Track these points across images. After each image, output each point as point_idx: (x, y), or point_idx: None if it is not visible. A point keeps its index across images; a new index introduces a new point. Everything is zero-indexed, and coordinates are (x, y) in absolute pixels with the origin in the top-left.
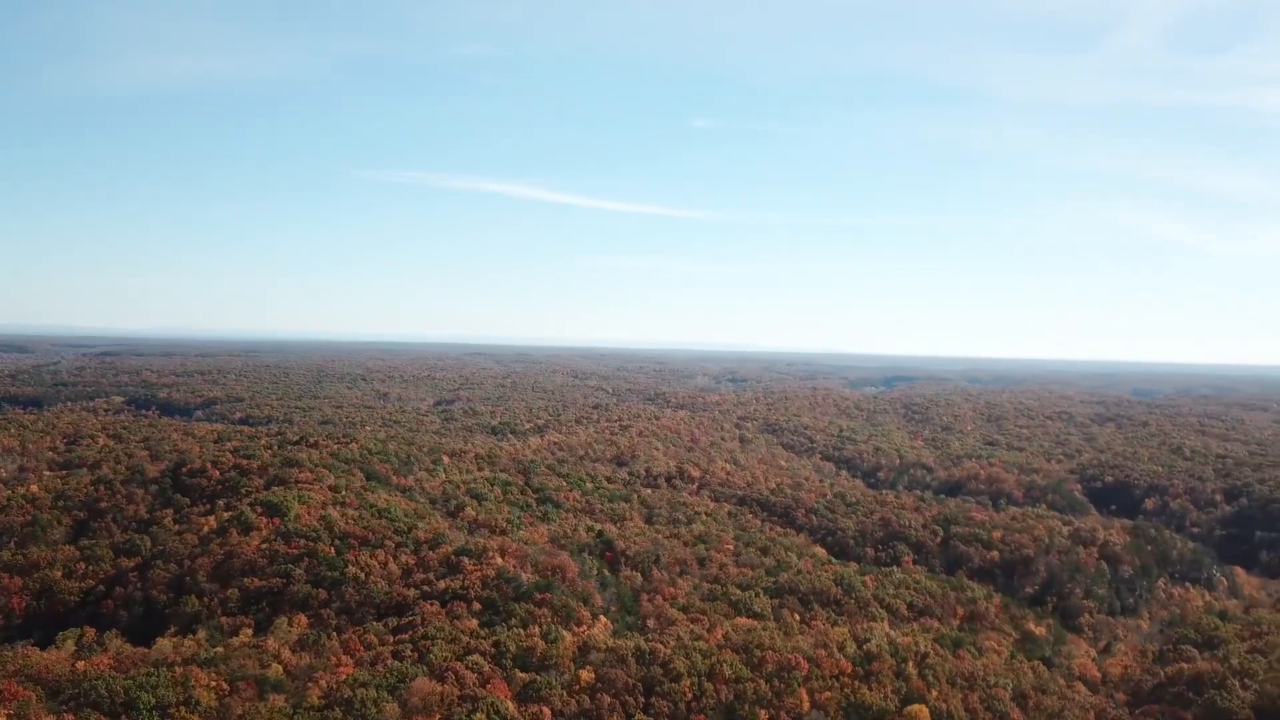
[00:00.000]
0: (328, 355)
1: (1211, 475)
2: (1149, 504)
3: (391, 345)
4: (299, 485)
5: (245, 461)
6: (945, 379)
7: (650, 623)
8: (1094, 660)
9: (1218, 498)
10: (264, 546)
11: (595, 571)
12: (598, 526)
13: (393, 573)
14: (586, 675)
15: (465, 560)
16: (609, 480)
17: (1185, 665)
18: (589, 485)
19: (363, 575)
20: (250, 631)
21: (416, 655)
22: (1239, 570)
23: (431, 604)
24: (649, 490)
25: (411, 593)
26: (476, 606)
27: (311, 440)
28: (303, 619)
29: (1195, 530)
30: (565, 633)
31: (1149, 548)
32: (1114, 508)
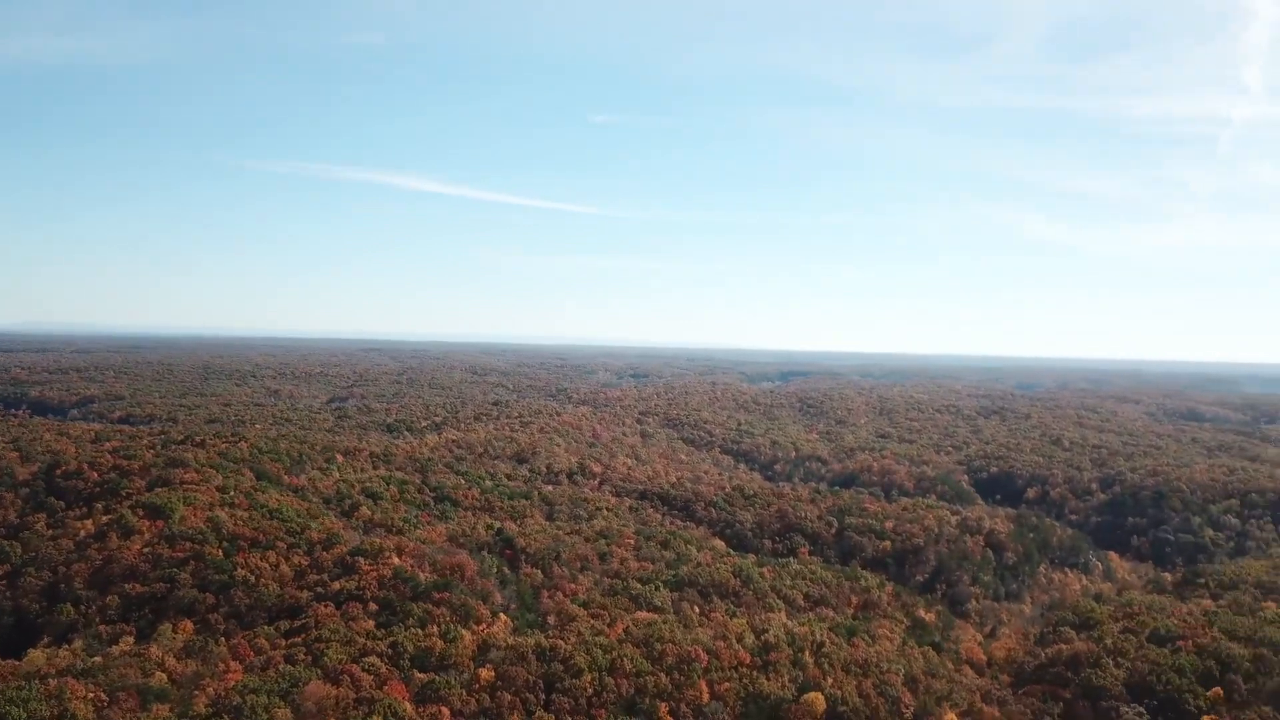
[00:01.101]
0: (215, 351)
1: (1088, 465)
2: (1031, 493)
3: (283, 341)
4: (184, 486)
5: (125, 462)
6: (839, 374)
7: (551, 619)
8: (980, 644)
9: (1094, 486)
10: (146, 550)
11: (495, 569)
12: (497, 524)
13: (285, 574)
14: (486, 674)
15: (361, 560)
16: (509, 478)
17: (1064, 646)
18: (488, 483)
19: (253, 578)
20: (132, 640)
21: (310, 658)
22: (1113, 555)
23: (326, 606)
24: (550, 487)
25: (305, 595)
26: (373, 607)
27: (197, 439)
28: (189, 625)
29: (1073, 518)
30: (464, 631)
31: (1031, 535)
32: (999, 497)
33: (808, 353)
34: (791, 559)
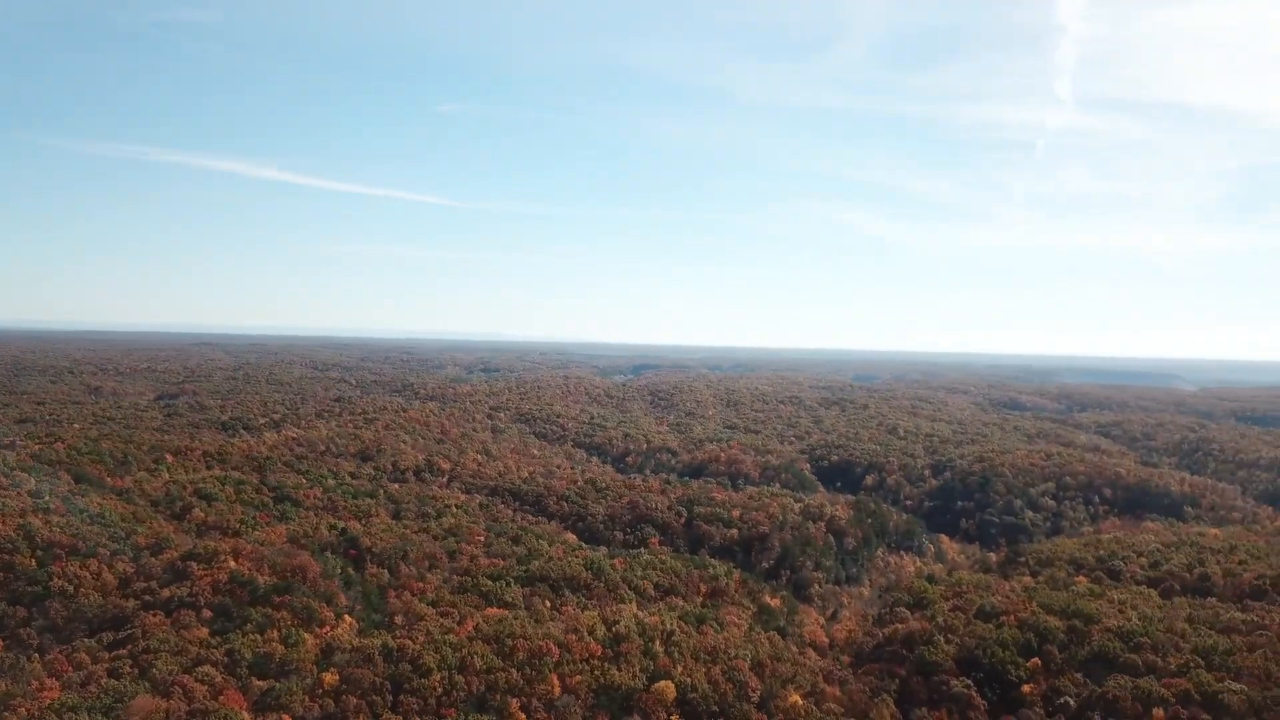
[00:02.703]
0: (27, 346)
1: (921, 453)
2: (869, 480)
3: (105, 335)
4: None
5: None
6: (688, 367)
7: (398, 619)
8: (823, 627)
9: (926, 473)
10: None
11: (339, 570)
12: (341, 524)
13: (108, 583)
14: (330, 677)
15: (194, 565)
16: (353, 476)
17: (900, 626)
18: (331, 482)
19: (71, 588)
20: None
21: (137, 671)
22: (944, 537)
23: (155, 614)
24: (396, 485)
25: (131, 604)
26: (207, 614)
27: (6, 441)
28: None
29: (908, 503)
30: (307, 635)
31: (870, 521)
32: (839, 484)
33: (659, 346)
34: (642, 550)
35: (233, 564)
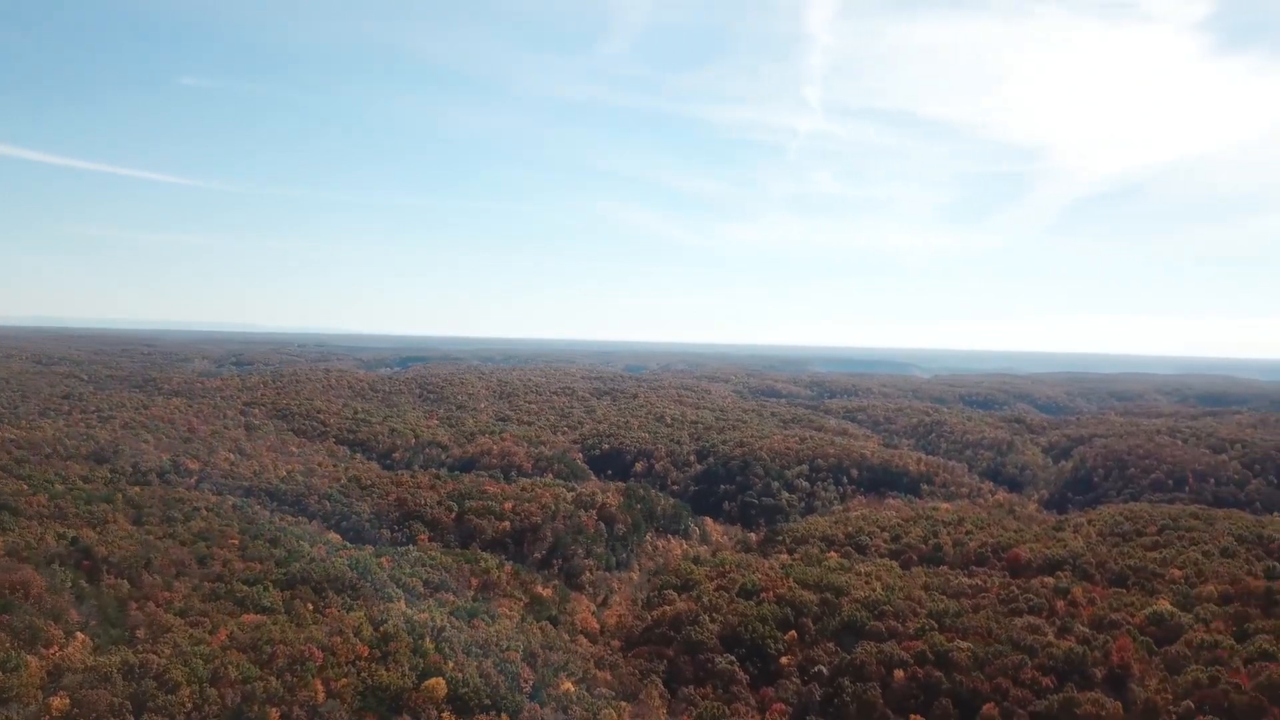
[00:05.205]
0: None
1: (687, 439)
2: (638, 467)
3: None
4: None
5: None
6: (459, 359)
7: (141, 633)
8: (594, 613)
9: (692, 458)
10: None
11: (70, 584)
12: (72, 533)
13: None
14: (59, 702)
15: None
16: (85, 480)
17: (668, 608)
18: (59, 487)
19: None
20: None
21: None
22: (709, 520)
23: None
24: (138, 488)
25: None
26: None
27: None
28: None
29: (675, 488)
30: (30, 658)
31: (639, 506)
32: (610, 472)
33: (428, 338)
34: (411, 546)
35: None
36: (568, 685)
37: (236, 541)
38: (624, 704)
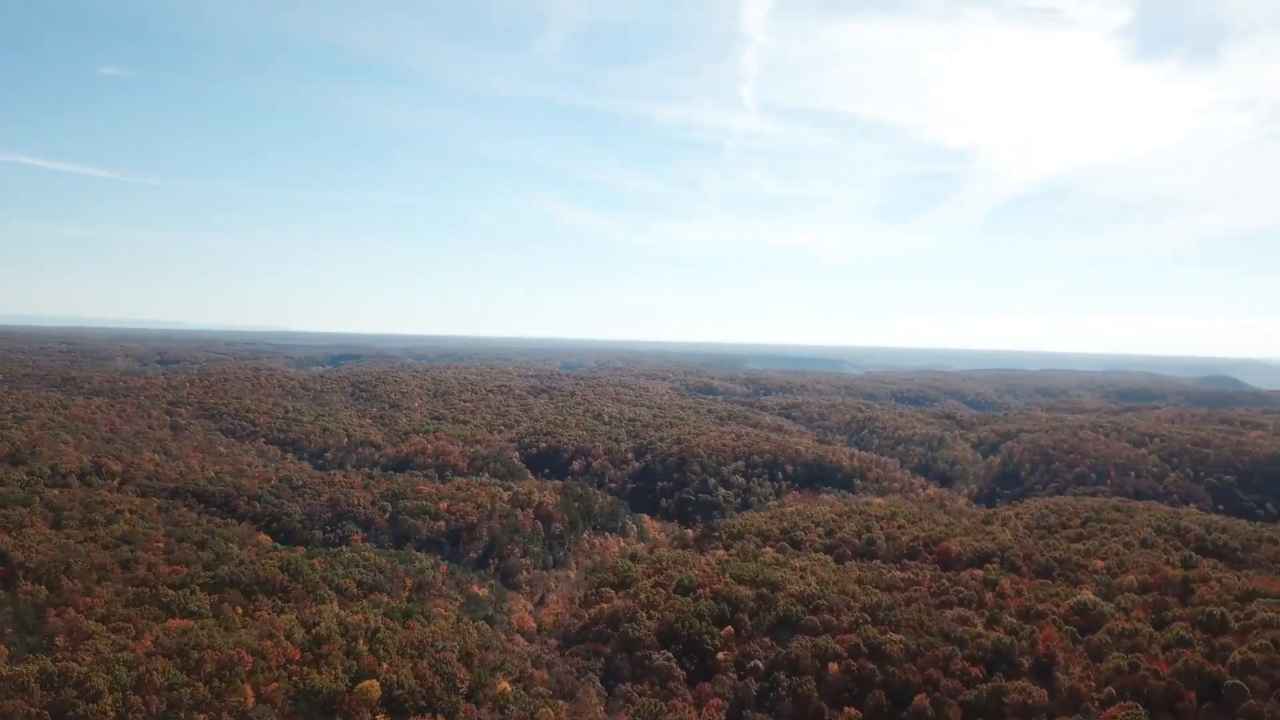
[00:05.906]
0: None
1: (625, 437)
2: (576, 465)
3: None
4: None
5: None
6: (393, 357)
7: (60, 640)
8: (531, 612)
9: (629, 456)
10: None
11: None
12: None
13: None
14: None
15: None
16: (0, 483)
17: (605, 605)
18: None
19: None
20: None
21: None
22: (646, 517)
23: None
24: (56, 491)
25: None
26: None
27: None
28: None
29: (613, 485)
30: None
31: (576, 505)
32: (548, 471)
33: (360, 336)
34: (344, 547)
35: None
36: (504, 685)
37: (162, 545)
38: (561, 702)
